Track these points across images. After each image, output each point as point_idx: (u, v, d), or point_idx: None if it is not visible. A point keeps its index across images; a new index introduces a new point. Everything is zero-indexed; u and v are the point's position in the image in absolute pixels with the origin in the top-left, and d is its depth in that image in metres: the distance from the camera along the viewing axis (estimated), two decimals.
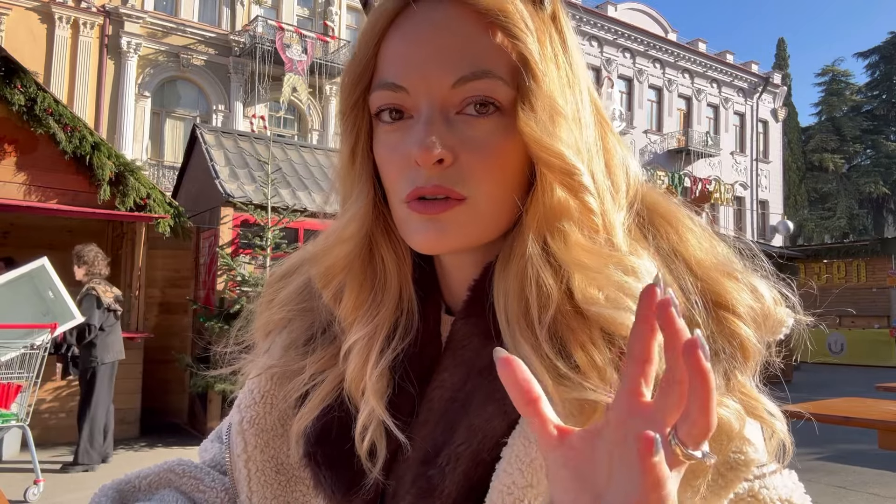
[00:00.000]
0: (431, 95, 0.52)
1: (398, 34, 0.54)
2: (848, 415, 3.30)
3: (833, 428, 3.37)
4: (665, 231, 0.55)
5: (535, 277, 0.50)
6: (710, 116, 28.83)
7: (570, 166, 0.50)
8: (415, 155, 0.50)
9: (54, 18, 16.57)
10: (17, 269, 5.02)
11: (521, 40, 0.51)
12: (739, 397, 0.49)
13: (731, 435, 0.46)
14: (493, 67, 0.51)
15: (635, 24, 26.17)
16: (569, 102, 0.53)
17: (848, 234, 35.14)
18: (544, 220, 0.51)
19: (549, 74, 0.52)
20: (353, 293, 0.58)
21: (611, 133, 0.57)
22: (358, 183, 0.58)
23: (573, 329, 0.49)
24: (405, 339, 0.58)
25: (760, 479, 0.50)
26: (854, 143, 38.02)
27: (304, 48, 18.24)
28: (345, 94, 0.57)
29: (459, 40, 0.51)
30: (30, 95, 6.32)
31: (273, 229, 6.61)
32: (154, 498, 0.62)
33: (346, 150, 0.58)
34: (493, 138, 0.52)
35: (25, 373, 4.58)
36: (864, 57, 39.92)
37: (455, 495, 0.50)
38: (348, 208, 0.58)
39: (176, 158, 15.82)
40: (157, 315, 7.29)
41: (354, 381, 0.56)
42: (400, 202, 0.54)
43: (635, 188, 0.57)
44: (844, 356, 15.17)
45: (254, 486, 0.61)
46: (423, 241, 0.53)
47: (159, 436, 6.50)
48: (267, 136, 8.53)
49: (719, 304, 0.51)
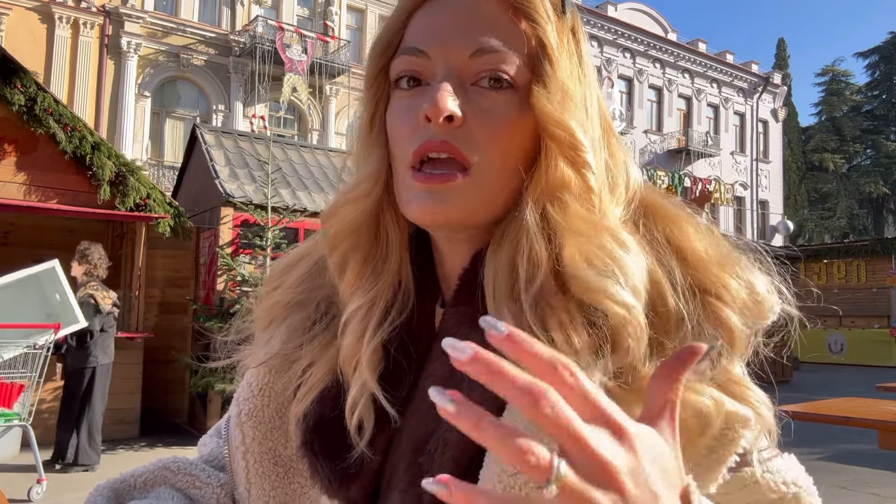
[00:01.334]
0: (449, 62, 0.54)
1: (426, 10, 0.57)
2: (848, 415, 3.30)
3: (833, 428, 3.37)
4: (662, 224, 0.56)
5: (528, 247, 0.51)
6: (710, 116, 28.84)
7: (578, 141, 0.53)
8: (426, 109, 0.52)
9: (54, 18, 16.58)
10: (26, 268, 5.01)
11: (542, 26, 0.54)
12: (725, 381, 0.50)
13: (709, 420, 0.47)
14: (512, 45, 0.54)
15: (635, 24, 26.18)
16: (579, 94, 0.55)
17: (848, 234, 35.13)
18: (546, 191, 0.53)
19: (564, 63, 0.55)
20: (356, 262, 0.59)
21: (614, 138, 0.60)
22: (374, 148, 0.59)
23: (553, 306, 0.50)
24: (401, 314, 0.58)
25: (763, 464, 0.51)
26: (854, 143, 38.02)
27: (304, 48, 18.25)
28: (371, 62, 0.60)
29: (483, 17, 0.54)
30: (30, 95, 6.32)
31: (273, 229, 6.62)
32: (150, 496, 0.62)
33: (366, 116, 0.60)
34: (504, 111, 0.53)
35: (28, 372, 4.60)
36: (864, 57, 39.93)
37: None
38: (361, 170, 0.60)
39: (176, 158, 15.82)
40: (157, 315, 7.29)
41: (350, 353, 0.57)
42: (405, 167, 0.55)
43: (634, 189, 0.58)
44: (844, 356, 15.18)
45: (252, 477, 0.61)
46: (419, 210, 0.54)
47: (159, 436, 6.50)
48: (267, 136, 8.54)
49: (707, 291, 0.52)
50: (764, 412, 0.51)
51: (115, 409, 6.22)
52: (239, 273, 6.45)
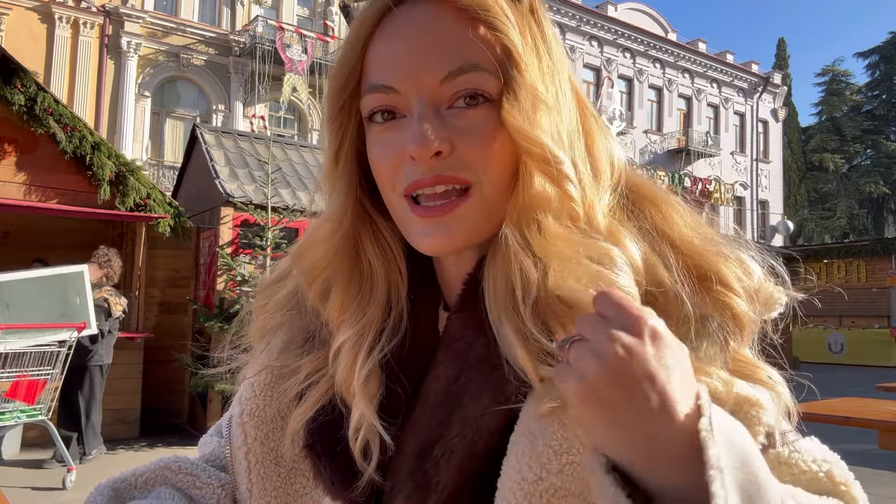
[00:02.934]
0: (421, 93, 0.52)
1: (383, 37, 0.55)
2: (848, 415, 3.30)
3: (833, 428, 3.37)
4: (649, 211, 0.56)
5: (519, 265, 0.51)
6: (710, 116, 28.83)
7: (551, 155, 0.52)
8: (410, 150, 0.51)
9: (54, 18, 16.57)
10: (56, 267, 5.21)
11: (504, 32, 0.52)
12: (735, 363, 0.50)
13: (720, 402, 0.47)
14: (479, 60, 0.52)
15: (635, 24, 26.17)
16: (549, 91, 0.54)
17: (848, 234, 35.09)
18: (522, 211, 0.52)
19: (531, 64, 0.53)
20: (338, 295, 0.59)
21: (592, 118, 0.58)
22: (339, 183, 0.59)
23: (557, 313, 0.50)
24: (393, 339, 0.58)
25: (789, 445, 0.51)
26: (854, 143, 37.99)
27: (304, 48, 18.24)
28: (331, 98, 0.58)
29: (444, 37, 0.52)
30: (30, 95, 6.32)
31: (273, 229, 6.61)
32: (150, 495, 0.62)
33: (330, 152, 0.59)
34: (486, 126, 0.53)
35: (52, 370, 4.76)
36: (864, 57, 39.90)
37: (451, 488, 0.50)
38: (328, 208, 0.60)
39: (176, 158, 15.82)
40: (157, 315, 7.28)
41: (344, 382, 0.57)
42: (398, 197, 0.54)
43: (619, 171, 0.57)
44: (844, 356, 15.17)
45: (254, 478, 0.61)
46: (430, 245, 0.54)
47: (159, 436, 6.49)
48: (267, 136, 8.53)
49: (706, 276, 0.51)
50: (780, 389, 0.51)
51: (115, 409, 6.23)
52: (239, 273, 6.45)
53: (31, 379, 4.71)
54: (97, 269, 5.49)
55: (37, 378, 4.73)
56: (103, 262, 5.53)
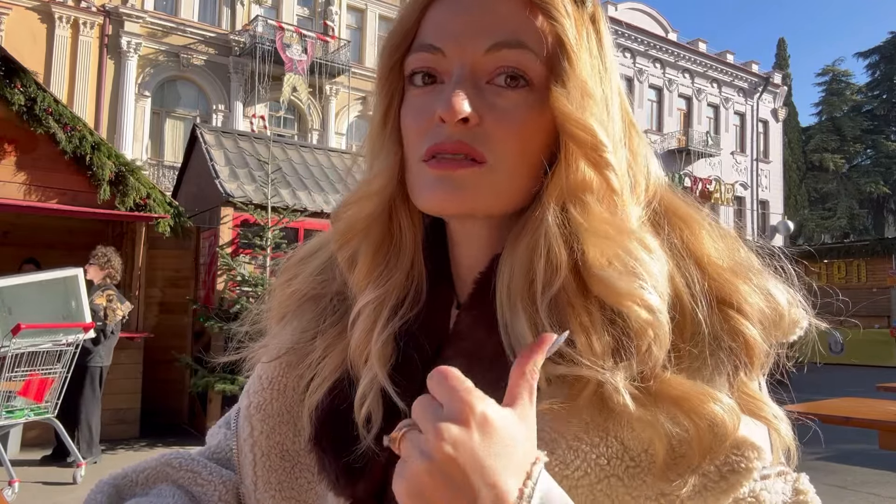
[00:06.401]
0: (464, 59, 0.53)
1: (442, 5, 0.55)
2: (848, 415, 3.30)
3: (833, 428, 3.37)
4: (679, 229, 0.55)
5: (547, 248, 0.51)
6: (711, 116, 28.82)
7: (600, 142, 0.51)
8: (440, 111, 0.51)
9: (54, 18, 16.58)
10: (51, 271, 5.24)
11: (560, 23, 0.53)
12: (741, 397, 0.49)
13: (725, 432, 0.46)
14: (528, 41, 0.52)
15: (635, 24, 26.17)
16: (598, 91, 0.54)
17: (848, 234, 35.10)
18: (567, 191, 0.52)
19: (584, 60, 0.54)
20: (367, 257, 0.59)
21: (636, 134, 0.58)
22: (388, 143, 0.58)
23: (574, 307, 0.49)
24: (412, 309, 0.58)
25: (763, 481, 0.49)
26: (854, 143, 37.98)
27: (304, 48, 18.25)
28: (384, 57, 0.59)
29: (499, 11, 0.53)
30: (30, 95, 6.32)
31: (273, 229, 6.62)
32: (151, 492, 0.62)
33: (379, 112, 0.59)
34: (520, 110, 0.52)
35: (60, 368, 4.88)
36: (864, 57, 39.89)
37: None
38: (375, 166, 0.59)
39: (176, 158, 15.82)
40: (157, 315, 7.28)
41: (359, 346, 0.57)
42: (417, 161, 0.54)
43: (654, 188, 0.57)
44: (844, 356, 15.16)
45: (259, 471, 0.61)
46: (431, 198, 0.53)
47: (159, 436, 6.49)
48: (267, 136, 8.54)
49: (725, 301, 0.51)
50: (782, 429, 0.50)
51: (115, 409, 6.23)
52: (239, 273, 6.45)
53: (41, 377, 4.82)
54: (99, 271, 5.50)
55: (46, 376, 4.84)
56: (104, 263, 5.53)
